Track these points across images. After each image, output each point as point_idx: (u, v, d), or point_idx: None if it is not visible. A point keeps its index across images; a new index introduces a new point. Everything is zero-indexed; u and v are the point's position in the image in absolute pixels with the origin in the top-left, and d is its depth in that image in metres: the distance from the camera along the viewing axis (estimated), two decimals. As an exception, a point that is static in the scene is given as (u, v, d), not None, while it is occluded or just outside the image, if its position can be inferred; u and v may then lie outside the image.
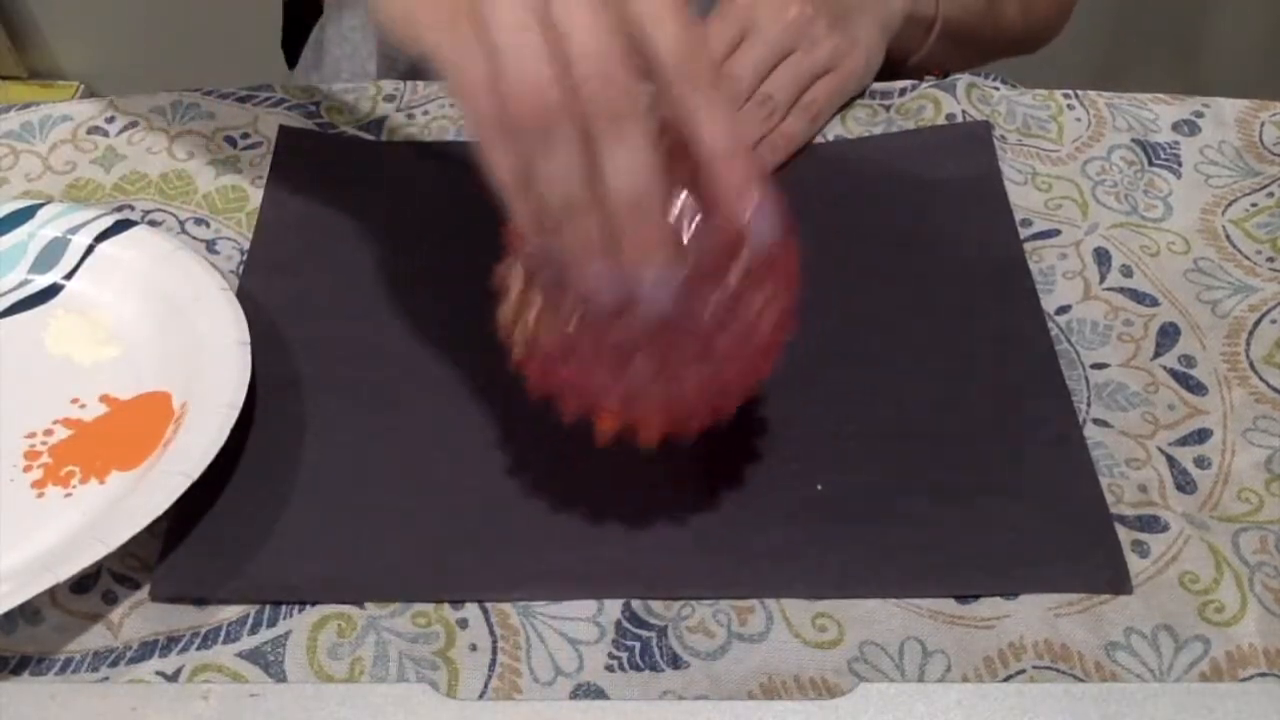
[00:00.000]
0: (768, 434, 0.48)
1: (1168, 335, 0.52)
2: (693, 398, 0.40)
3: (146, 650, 0.42)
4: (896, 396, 0.50)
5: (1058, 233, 0.57)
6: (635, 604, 0.44)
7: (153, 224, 0.57)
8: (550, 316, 0.40)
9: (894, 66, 0.67)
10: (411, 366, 0.51)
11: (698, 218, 0.38)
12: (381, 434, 0.49)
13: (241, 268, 0.55)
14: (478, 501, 0.46)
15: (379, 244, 0.56)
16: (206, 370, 0.48)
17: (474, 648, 0.42)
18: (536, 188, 0.36)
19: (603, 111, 0.35)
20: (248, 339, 0.49)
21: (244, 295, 0.52)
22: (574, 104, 0.35)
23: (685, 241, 0.38)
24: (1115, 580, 0.44)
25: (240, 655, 0.42)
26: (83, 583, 0.44)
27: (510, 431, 0.49)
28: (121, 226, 0.54)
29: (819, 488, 0.47)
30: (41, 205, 0.55)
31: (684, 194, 0.38)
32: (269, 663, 0.42)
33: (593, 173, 0.36)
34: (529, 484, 0.47)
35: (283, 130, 0.61)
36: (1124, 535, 0.45)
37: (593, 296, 0.37)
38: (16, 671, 0.42)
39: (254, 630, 0.43)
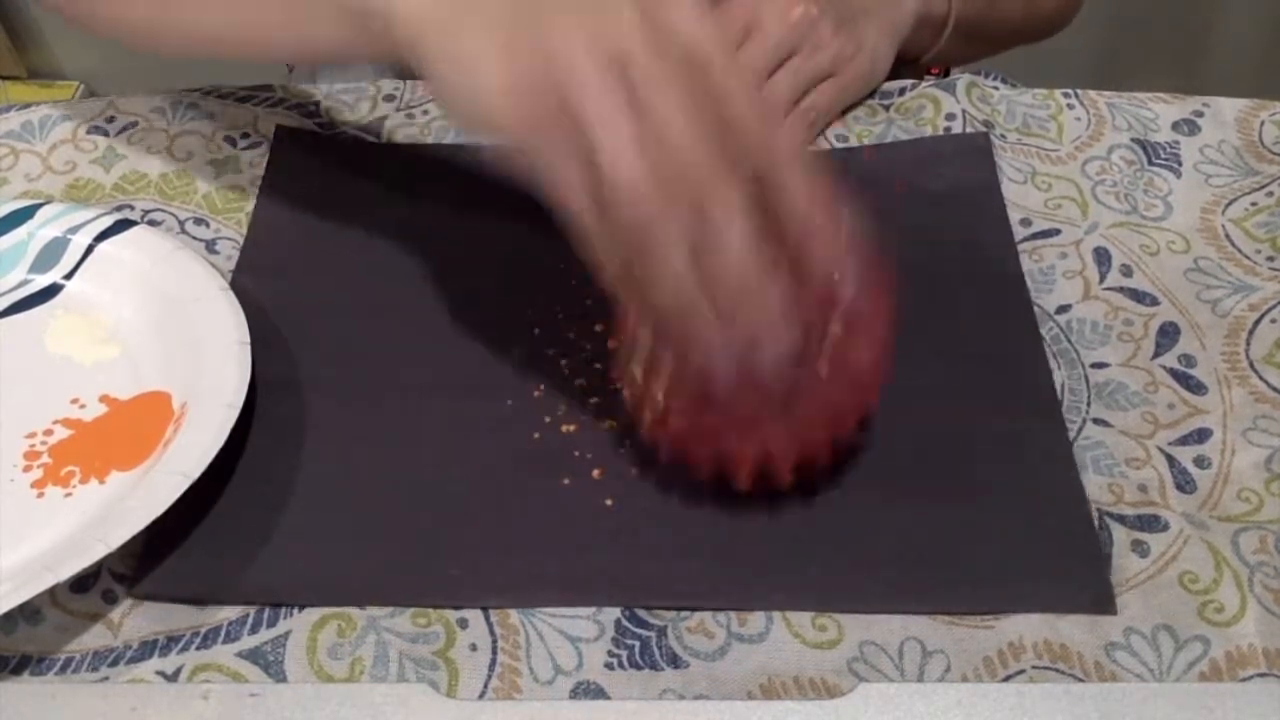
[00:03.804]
0: None
1: (1168, 335, 0.52)
2: (816, 440, 0.43)
3: (146, 650, 0.42)
4: (883, 410, 0.49)
5: (1058, 232, 0.57)
6: (635, 604, 0.44)
7: (152, 224, 0.57)
8: (675, 391, 0.42)
9: (906, 62, 0.67)
10: (411, 367, 0.51)
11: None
12: (381, 435, 0.49)
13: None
14: (477, 504, 0.46)
15: (376, 243, 0.56)
16: (206, 370, 0.48)
17: (474, 648, 0.42)
18: (650, 278, 0.37)
19: (705, 199, 0.36)
20: (248, 339, 0.49)
21: (238, 294, 0.51)
22: (676, 195, 0.36)
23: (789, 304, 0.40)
24: (1099, 600, 0.43)
25: (240, 655, 0.42)
26: (83, 582, 0.44)
27: (512, 433, 0.49)
28: (121, 226, 0.54)
29: (801, 499, 0.46)
30: (41, 205, 0.55)
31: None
32: (269, 663, 0.42)
33: (700, 257, 0.36)
34: (529, 487, 0.47)
35: (279, 130, 0.61)
36: (1124, 535, 0.45)
37: (715, 373, 0.39)
38: (16, 671, 0.42)
39: (254, 630, 0.43)
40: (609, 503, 0.46)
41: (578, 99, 0.36)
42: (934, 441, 0.48)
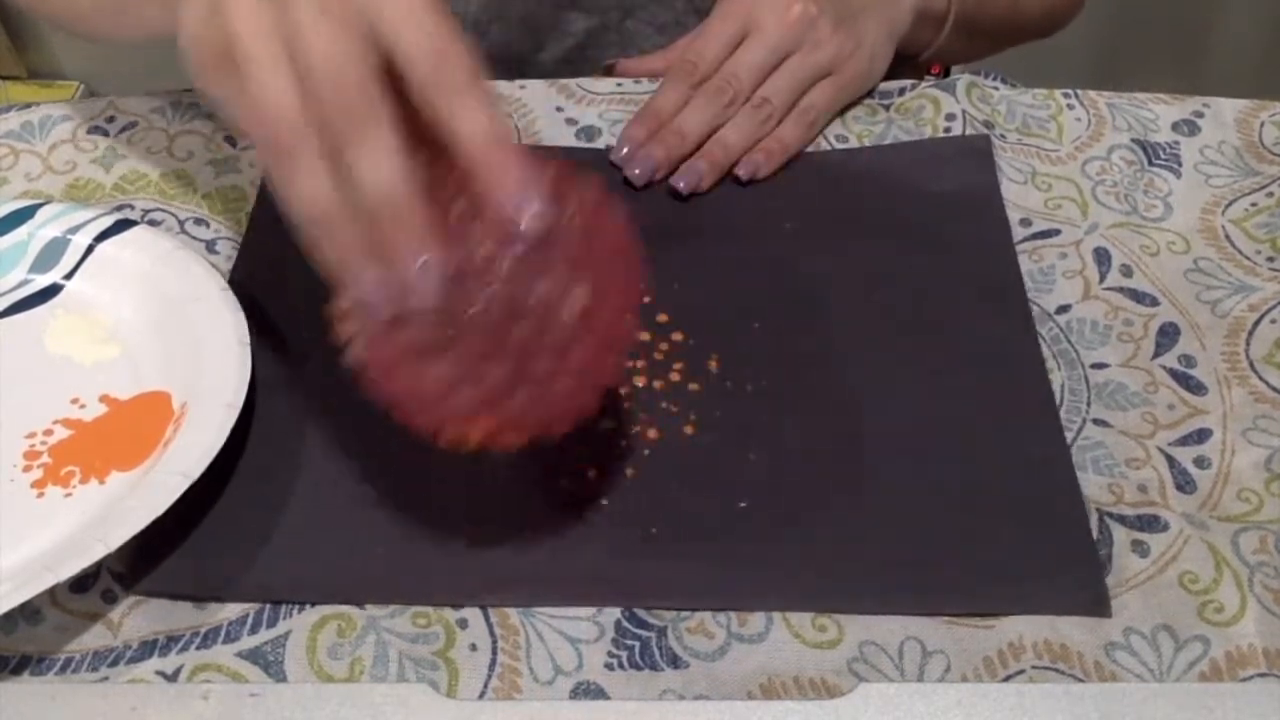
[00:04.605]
0: (744, 447, 0.48)
1: (1167, 335, 0.53)
2: (509, 397, 0.39)
3: (146, 650, 0.42)
4: (882, 412, 0.49)
5: (1058, 232, 0.57)
6: (635, 604, 0.44)
7: (153, 224, 0.57)
8: (362, 332, 0.40)
9: (906, 59, 0.66)
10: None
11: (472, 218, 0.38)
12: (381, 434, 0.48)
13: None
14: (474, 503, 0.46)
15: None
16: (206, 370, 0.48)
17: (474, 648, 0.42)
18: (292, 202, 0.38)
19: (343, 119, 0.36)
20: (248, 339, 0.49)
21: (238, 293, 0.51)
22: (316, 117, 0.37)
23: (461, 237, 0.38)
24: (1095, 602, 0.43)
25: (240, 655, 0.42)
26: (82, 582, 0.44)
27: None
28: (121, 226, 0.54)
29: (797, 501, 0.46)
30: (41, 205, 0.55)
31: (459, 195, 0.38)
32: (269, 663, 0.42)
33: (343, 181, 0.37)
34: (526, 487, 0.47)
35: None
36: (1124, 535, 0.45)
37: (363, 302, 0.38)
38: (16, 671, 0.42)
39: (254, 630, 0.43)
40: (604, 502, 0.46)
41: (236, 41, 0.37)
42: (931, 443, 0.48)
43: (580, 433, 0.48)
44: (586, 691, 0.41)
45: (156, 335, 0.51)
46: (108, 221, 0.54)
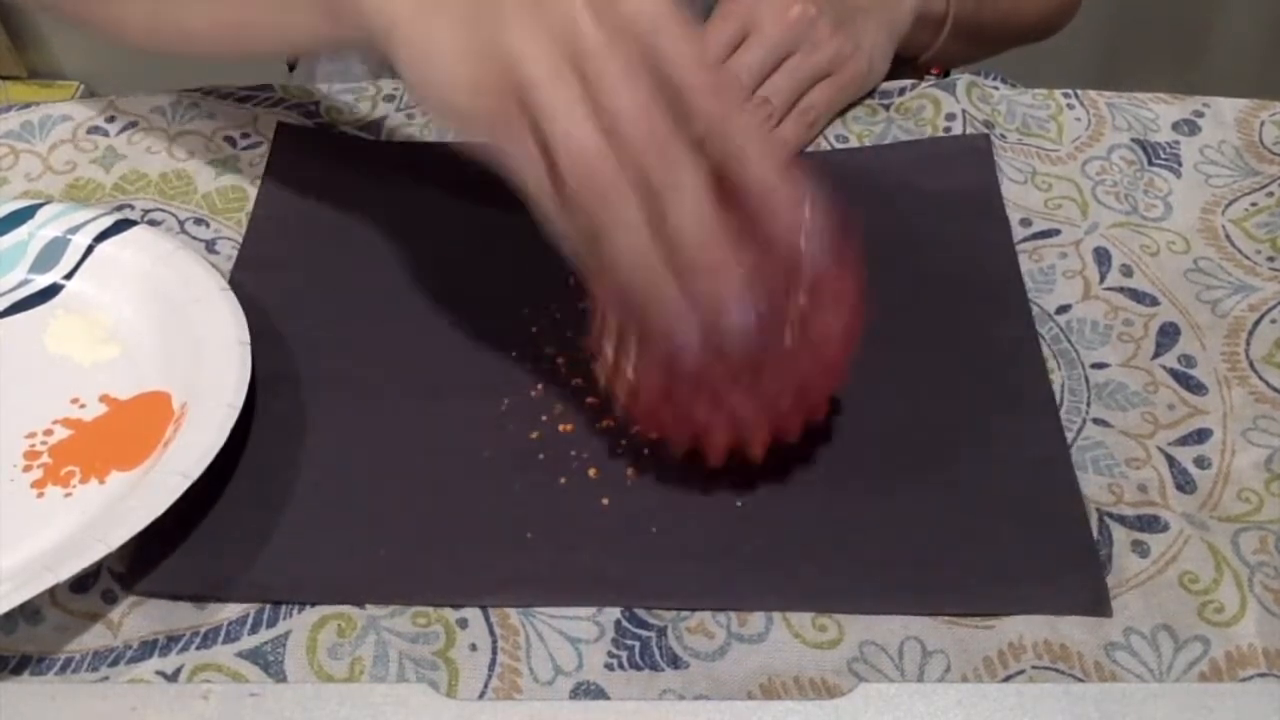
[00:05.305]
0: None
1: (1168, 335, 0.52)
2: (786, 414, 0.43)
3: (146, 650, 0.42)
4: (881, 412, 0.49)
5: (1058, 232, 0.57)
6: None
7: (152, 224, 0.57)
8: (644, 365, 0.42)
9: (905, 61, 0.67)
10: (411, 366, 0.51)
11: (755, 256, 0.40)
12: (380, 434, 0.49)
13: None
14: (474, 502, 0.46)
15: (376, 242, 0.56)
16: (206, 370, 0.48)
17: (474, 648, 0.42)
18: (609, 253, 0.37)
19: (657, 168, 0.36)
20: (248, 338, 0.49)
21: (238, 291, 0.51)
22: (629, 166, 0.36)
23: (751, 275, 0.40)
24: (1095, 602, 0.43)
25: (240, 655, 0.42)
26: (83, 582, 0.44)
27: (509, 432, 0.49)
28: (121, 226, 0.54)
29: (800, 500, 0.46)
30: (41, 205, 0.55)
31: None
32: (269, 663, 0.42)
33: (658, 229, 0.37)
34: (526, 486, 0.47)
35: (280, 127, 0.61)
36: (1124, 535, 0.45)
37: (679, 344, 0.39)
38: (16, 671, 0.42)
39: (254, 630, 0.43)
40: (605, 502, 0.46)
41: (532, 92, 0.37)
42: (932, 443, 0.48)
43: (580, 432, 0.48)
44: (586, 691, 0.41)
45: (156, 335, 0.51)
46: (108, 221, 0.54)
